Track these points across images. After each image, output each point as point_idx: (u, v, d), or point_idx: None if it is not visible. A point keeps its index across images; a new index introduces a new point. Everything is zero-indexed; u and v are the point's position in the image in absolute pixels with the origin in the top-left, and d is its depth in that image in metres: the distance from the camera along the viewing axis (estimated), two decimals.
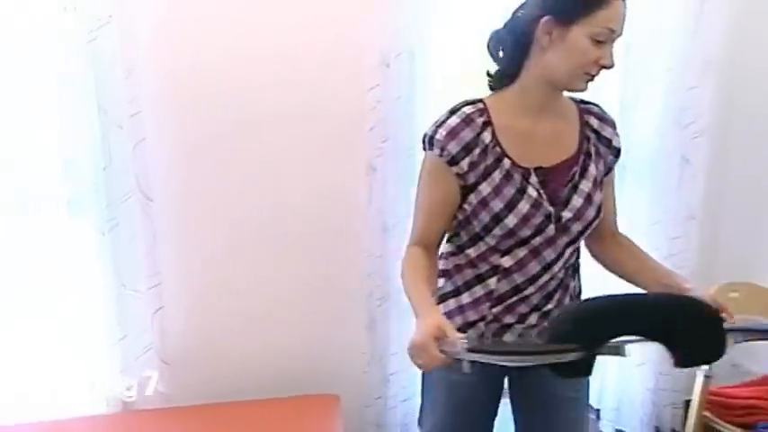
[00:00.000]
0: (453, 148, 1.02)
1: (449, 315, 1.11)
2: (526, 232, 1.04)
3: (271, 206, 1.83)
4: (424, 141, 1.07)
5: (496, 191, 1.03)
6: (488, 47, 1.07)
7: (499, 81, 1.08)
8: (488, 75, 1.09)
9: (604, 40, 0.96)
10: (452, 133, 1.02)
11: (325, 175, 1.84)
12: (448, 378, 1.14)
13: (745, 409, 1.65)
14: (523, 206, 1.03)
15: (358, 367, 1.91)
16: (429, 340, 0.86)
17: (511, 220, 1.03)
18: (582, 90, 1.04)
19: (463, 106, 1.06)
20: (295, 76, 1.75)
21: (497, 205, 1.03)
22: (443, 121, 1.05)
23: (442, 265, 1.16)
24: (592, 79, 1.01)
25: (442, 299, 1.15)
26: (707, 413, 1.65)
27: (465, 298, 1.13)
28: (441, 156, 1.03)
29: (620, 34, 0.98)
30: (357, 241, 1.85)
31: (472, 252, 1.09)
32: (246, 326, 1.86)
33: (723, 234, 2.18)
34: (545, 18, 0.97)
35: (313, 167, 1.82)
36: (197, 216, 1.80)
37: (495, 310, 1.11)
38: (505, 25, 1.05)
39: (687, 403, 1.74)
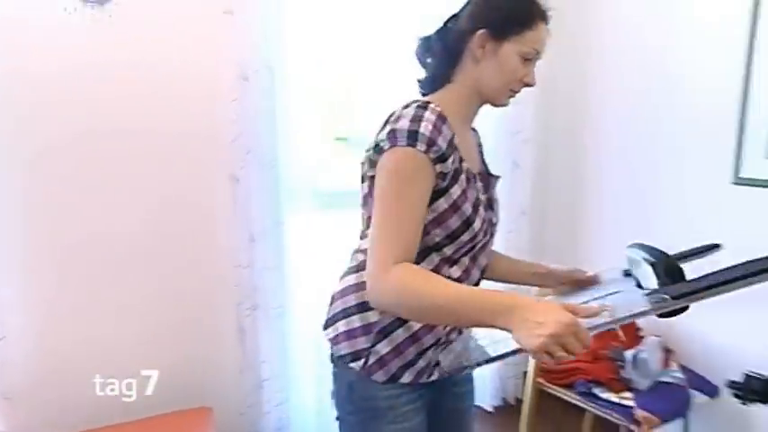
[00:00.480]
0: (442, 143, 0.93)
1: (400, 348, 1.01)
2: (480, 237, 1.01)
3: (132, 221, 1.77)
4: (393, 138, 0.92)
5: (465, 193, 0.98)
6: (416, 52, 1.08)
7: (429, 86, 1.07)
8: (419, 81, 1.10)
9: (530, 59, 1.01)
10: (437, 128, 0.93)
11: (188, 188, 1.82)
12: (409, 424, 1.05)
13: (568, 372, 1.95)
14: (482, 210, 1.02)
15: (230, 377, 1.92)
16: (574, 319, 0.76)
17: (477, 224, 1.00)
18: (504, 105, 1.07)
19: (425, 104, 0.97)
20: (152, 88, 1.72)
21: (468, 208, 0.98)
22: (420, 116, 0.93)
23: None
24: (513, 96, 1.05)
25: (387, 332, 1.01)
26: (540, 379, 1.95)
27: (417, 323, 1.01)
28: (427, 152, 0.91)
29: (541, 57, 1.03)
30: (224, 253, 1.86)
31: (424, 266, 0.99)
32: (106, 347, 1.78)
33: (549, 226, 2.56)
34: (481, 31, 0.99)
35: (175, 181, 1.80)
36: (44, 235, 1.67)
37: (447, 327, 1.03)
38: (437, 33, 1.06)
39: (525, 374, 2.03)
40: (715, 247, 1.24)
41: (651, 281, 1.00)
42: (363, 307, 1.01)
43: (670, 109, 2.06)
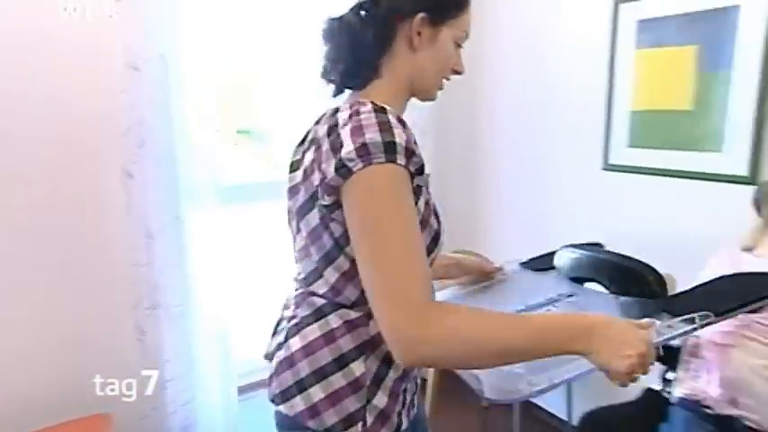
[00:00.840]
0: (419, 152, 0.79)
1: (395, 391, 0.87)
2: (441, 249, 0.91)
3: (15, 220, 1.63)
4: (366, 154, 0.74)
5: (428, 204, 0.85)
6: (326, 37, 0.90)
7: (351, 80, 0.91)
8: (342, 74, 0.90)
9: (461, 44, 0.93)
10: (408, 136, 0.78)
11: (75, 184, 1.71)
12: None
13: None
14: (440, 218, 0.89)
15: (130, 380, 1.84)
16: (649, 336, 0.75)
17: (442, 236, 0.88)
18: (434, 99, 0.96)
19: (380, 107, 0.79)
20: (29, 76, 1.59)
21: (434, 221, 0.86)
22: (388, 122, 0.77)
23: (350, 341, 0.83)
24: (443, 87, 0.95)
25: (380, 380, 0.85)
26: None
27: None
28: (407, 165, 0.76)
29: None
30: (119, 251, 1.77)
31: None
32: None
33: (450, 216, 2.69)
34: (420, 15, 0.86)
35: (61, 176, 1.68)
36: None
37: None
38: (357, 16, 0.88)
39: None
40: (598, 245, 1.38)
41: (634, 289, 1.03)
42: (343, 361, 0.83)
43: (550, 106, 2.27)
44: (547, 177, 2.33)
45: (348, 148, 0.75)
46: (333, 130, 0.79)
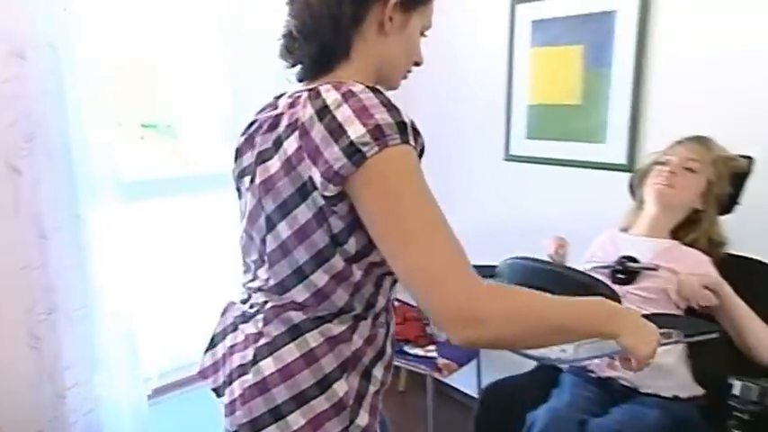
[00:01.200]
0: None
1: (374, 404, 0.84)
2: None
3: None
4: (381, 136, 0.69)
5: None
6: (296, 14, 0.83)
7: (319, 63, 0.84)
8: (310, 56, 0.84)
9: (425, 34, 0.91)
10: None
11: None
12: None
13: None
14: None
15: (24, 391, 1.71)
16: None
17: None
18: (396, 88, 0.92)
19: (372, 86, 0.75)
20: None
21: None
22: (390, 101, 0.73)
23: (332, 360, 0.79)
24: (406, 78, 0.93)
25: (362, 396, 0.82)
26: None
27: (379, 369, 0.85)
28: (416, 145, 0.74)
29: None
30: (7, 253, 1.64)
31: (381, 300, 0.83)
32: None
33: None
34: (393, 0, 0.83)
35: None
36: None
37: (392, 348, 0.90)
38: None
39: None
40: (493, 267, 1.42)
41: None
42: (326, 382, 0.78)
43: (457, 100, 2.39)
44: (456, 166, 2.44)
45: (359, 130, 0.69)
46: (324, 112, 0.72)
